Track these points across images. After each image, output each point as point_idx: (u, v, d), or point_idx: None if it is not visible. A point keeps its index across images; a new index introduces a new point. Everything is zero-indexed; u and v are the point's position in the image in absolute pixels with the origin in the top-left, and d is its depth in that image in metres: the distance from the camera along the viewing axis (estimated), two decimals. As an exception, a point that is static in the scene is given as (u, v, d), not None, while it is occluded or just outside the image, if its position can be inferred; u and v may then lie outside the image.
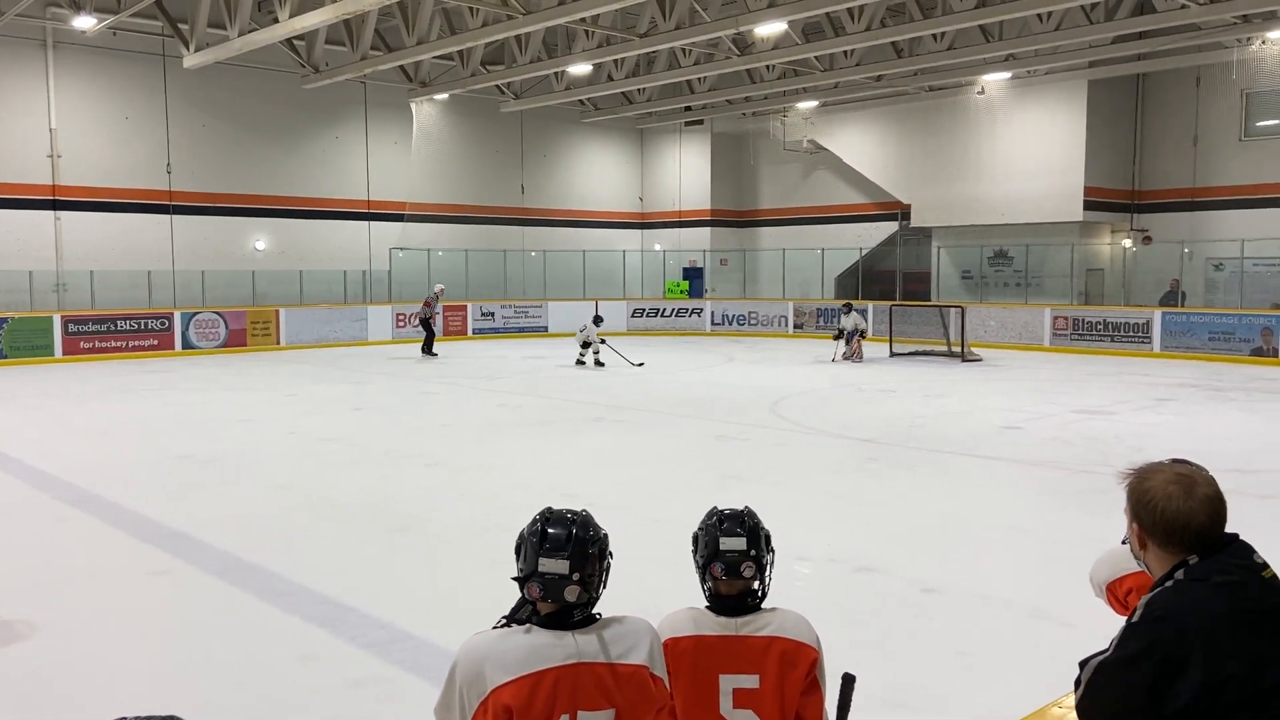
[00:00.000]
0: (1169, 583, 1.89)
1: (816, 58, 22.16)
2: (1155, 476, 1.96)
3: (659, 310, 28.21)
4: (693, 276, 30.00)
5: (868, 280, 27.03)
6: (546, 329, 27.08)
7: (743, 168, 30.67)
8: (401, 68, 23.14)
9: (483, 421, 12.68)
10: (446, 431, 12.08)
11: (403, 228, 26.21)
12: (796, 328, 26.77)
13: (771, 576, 2.54)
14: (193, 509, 8.02)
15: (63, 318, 20.40)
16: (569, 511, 2.28)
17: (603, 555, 2.24)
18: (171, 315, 21.68)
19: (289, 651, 5.17)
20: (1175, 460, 2.02)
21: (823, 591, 6.02)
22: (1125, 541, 2.11)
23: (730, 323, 27.94)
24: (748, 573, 2.47)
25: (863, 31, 18.95)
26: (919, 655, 5.06)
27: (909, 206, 26.13)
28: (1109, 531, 2.56)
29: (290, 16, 17.51)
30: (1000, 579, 6.25)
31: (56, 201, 21.21)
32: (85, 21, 19.27)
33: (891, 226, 27.27)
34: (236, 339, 22.41)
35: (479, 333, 26.32)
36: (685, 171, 30.78)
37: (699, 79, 24.89)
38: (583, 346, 19.11)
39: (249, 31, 18.67)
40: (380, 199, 25.99)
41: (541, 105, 25.94)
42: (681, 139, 30.71)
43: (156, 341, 21.41)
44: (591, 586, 2.20)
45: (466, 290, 26.45)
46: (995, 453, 10.34)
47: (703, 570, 2.53)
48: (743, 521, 2.52)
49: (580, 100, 26.77)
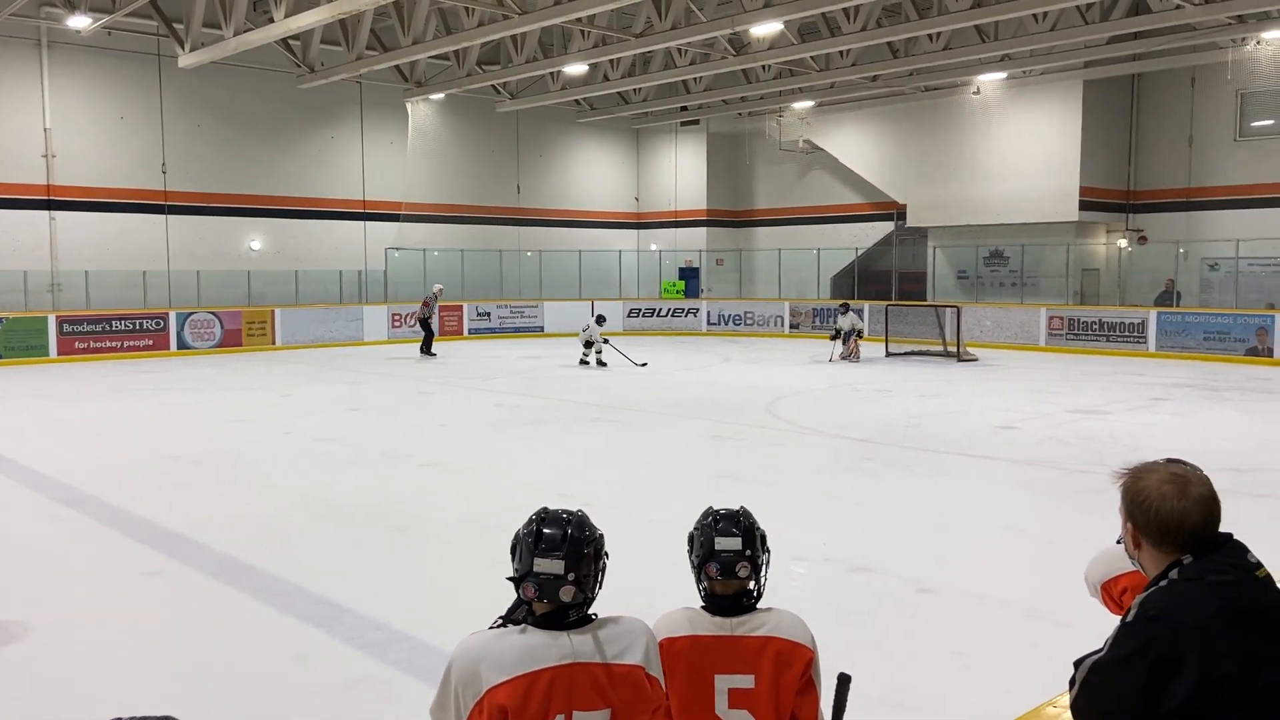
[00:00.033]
0: (1163, 582, 1.89)
1: (812, 58, 22.18)
2: (1150, 476, 1.96)
3: (655, 310, 28.20)
4: (688, 276, 29.99)
5: (863, 280, 27.05)
6: (543, 329, 27.08)
7: (739, 168, 30.68)
8: (397, 67, 23.11)
9: (479, 421, 12.67)
10: (443, 431, 12.07)
11: (398, 228, 26.19)
12: (792, 328, 26.79)
13: (767, 576, 2.54)
14: (188, 509, 8.01)
15: (57, 318, 20.35)
16: (564, 512, 2.28)
17: (598, 555, 2.24)
18: (167, 315, 21.64)
19: (285, 652, 5.17)
20: (1170, 460, 2.02)
21: (818, 591, 6.02)
22: (1120, 541, 2.11)
23: (726, 323, 27.94)
24: (743, 573, 2.47)
25: (858, 32, 18.96)
26: (914, 655, 5.07)
27: (905, 206, 26.16)
28: (1104, 531, 2.56)
29: (285, 16, 17.49)
30: (996, 579, 6.26)
31: (51, 201, 21.17)
32: (80, 21, 19.23)
33: (887, 226, 27.30)
34: (232, 339, 22.38)
35: (475, 333, 26.30)
36: (681, 171, 30.78)
37: (695, 79, 24.90)
38: (586, 346, 19.11)
39: (244, 31, 18.64)
40: (376, 199, 25.97)
41: (537, 105, 25.93)
42: (677, 139, 30.70)
43: (152, 342, 21.38)
44: (587, 587, 2.20)
45: (462, 290, 26.43)
46: (991, 452, 10.35)
47: (698, 570, 2.53)
48: (738, 521, 2.52)
49: (576, 100, 26.75)
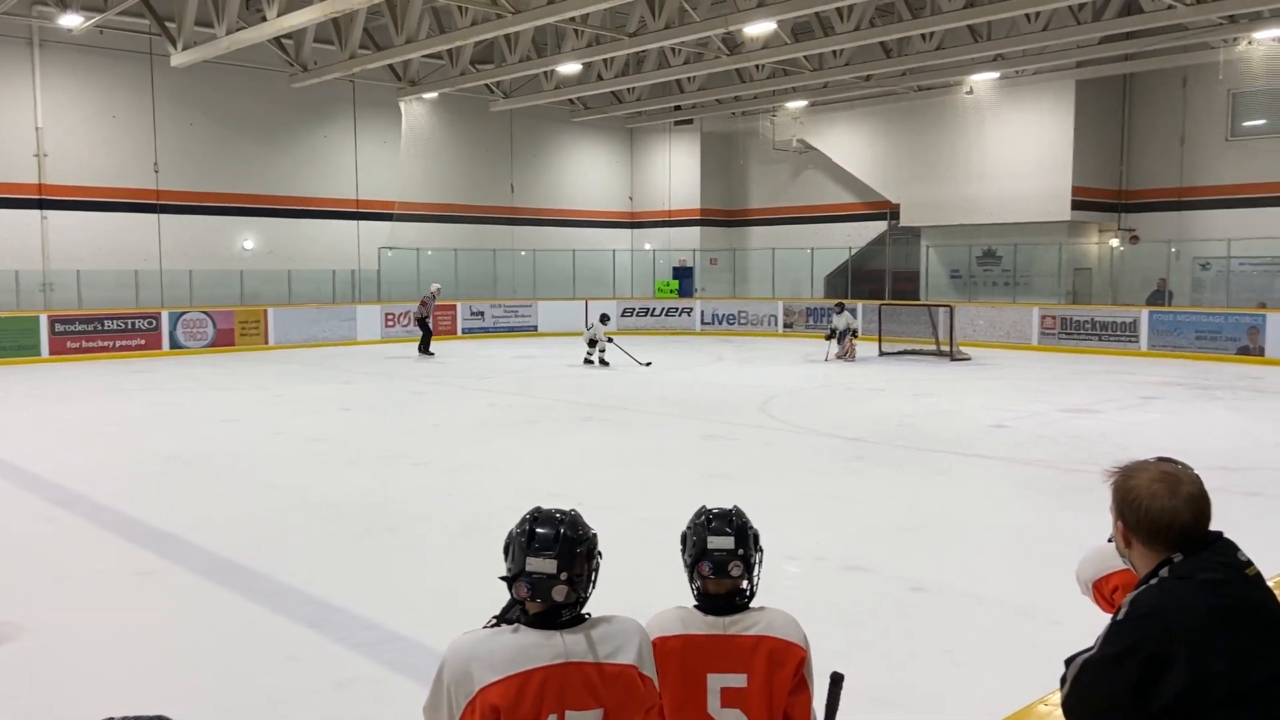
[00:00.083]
0: (1153, 580, 1.90)
1: (806, 57, 22.20)
2: (1140, 475, 1.97)
3: (649, 309, 28.19)
4: (682, 276, 30.00)
5: (857, 280, 27.07)
6: (536, 328, 27.06)
7: (732, 167, 30.69)
8: (390, 66, 23.08)
9: (472, 421, 12.66)
10: (436, 431, 12.05)
11: (391, 227, 26.15)
12: (786, 327, 26.81)
13: (760, 576, 2.55)
14: (180, 509, 7.99)
15: (49, 317, 20.28)
16: (557, 511, 2.28)
17: (591, 555, 2.23)
18: (159, 315, 21.58)
19: (277, 652, 5.16)
20: (1160, 458, 2.03)
21: (811, 590, 6.03)
22: (1111, 539, 2.12)
23: (720, 322, 27.95)
24: (735, 572, 2.47)
25: (852, 31, 18.98)
26: (907, 653, 5.08)
27: (898, 206, 26.19)
28: (1096, 529, 2.57)
29: (278, 15, 17.45)
30: (988, 577, 6.27)
31: (43, 201, 21.09)
32: (72, 20, 19.16)
33: (880, 226, 27.33)
34: (224, 339, 22.32)
35: (468, 332, 26.27)
36: (675, 171, 30.78)
37: (688, 78, 24.90)
38: (589, 345, 19.11)
39: (237, 30, 18.60)
40: (369, 198, 25.92)
41: (531, 104, 25.92)
42: (671, 138, 30.70)
43: (144, 341, 21.32)
44: (580, 586, 2.19)
45: (456, 290, 26.39)
46: (983, 451, 10.38)
47: (691, 569, 2.53)
48: (730, 521, 2.53)
49: (570, 99, 26.73)
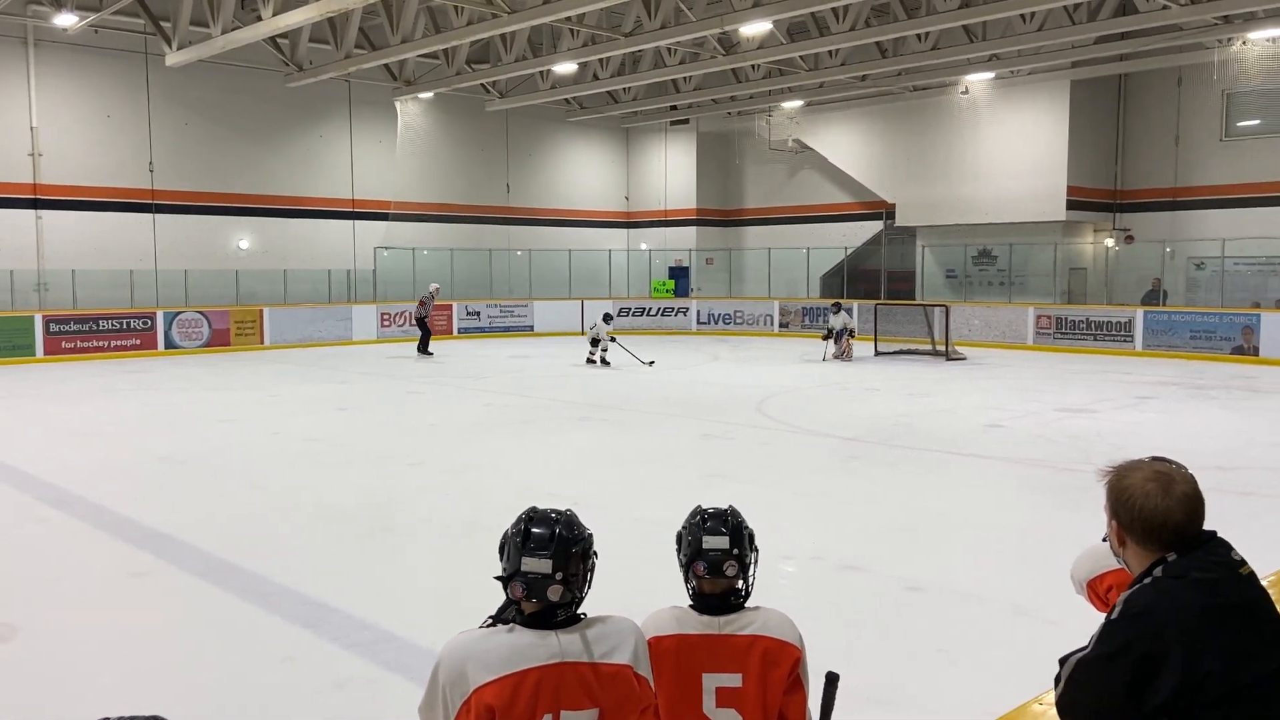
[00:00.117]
0: (1147, 580, 1.90)
1: (801, 57, 22.21)
2: (1134, 474, 1.97)
3: (645, 309, 28.19)
4: (678, 276, 30.01)
5: (853, 279, 27.10)
6: (532, 328, 27.05)
7: (728, 167, 30.69)
8: (386, 66, 23.06)
9: (468, 421, 12.66)
10: (432, 431, 12.05)
11: (387, 227, 26.12)
12: (782, 327, 26.83)
13: (755, 575, 2.55)
14: (175, 510, 7.98)
15: (44, 317, 20.23)
16: (553, 511, 2.28)
17: (586, 555, 2.23)
18: (154, 315, 21.54)
19: (273, 652, 5.15)
20: (1155, 458, 2.03)
21: (807, 590, 6.04)
22: (1106, 539, 2.12)
23: (716, 322, 27.96)
24: (730, 571, 2.47)
25: (847, 31, 19.00)
26: (902, 653, 5.09)
27: (894, 206, 26.22)
28: (1090, 529, 2.57)
29: (274, 15, 17.42)
30: (983, 576, 6.28)
31: (38, 200, 21.04)
32: (67, 19, 19.13)
33: (876, 226, 27.35)
34: (220, 339, 22.29)
35: (464, 332, 26.25)
36: (671, 171, 30.78)
37: (684, 78, 24.91)
38: (592, 344, 19.12)
39: (232, 29, 18.56)
40: (365, 198, 25.89)
41: (527, 104, 25.91)
42: (667, 138, 30.70)
43: (139, 341, 21.28)
44: (575, 586, 2.19)
45: (452, 289, 26.35)
46: (978, 451, 10.39)
47: (686, 569, 2.53)
48: (726, 520, 2.53)
49: (566, 99, 26.73)
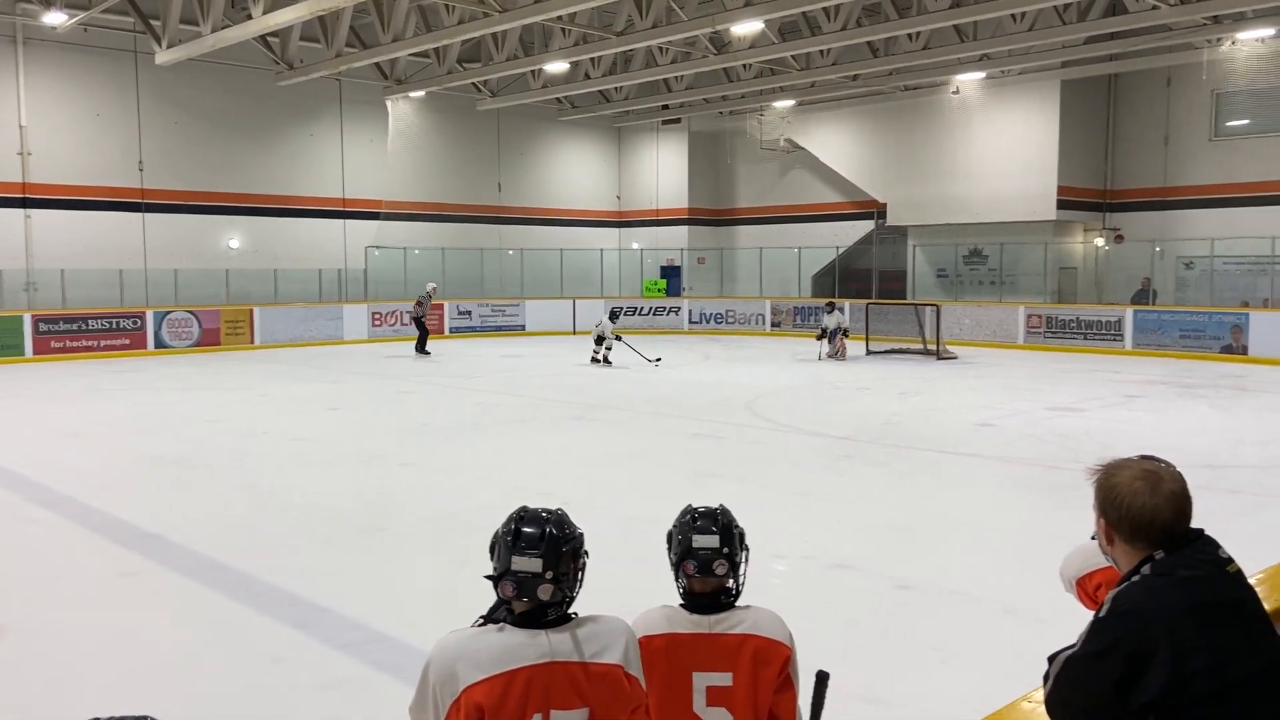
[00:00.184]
0: (1135, 578, 1.91)
1: (793, 57, 22.23)
2: (1122, 472, 1.98)
3: (636, 309, 28.16)
4: (670, 275, 30.01)
5: (844, 279, 27.14)
6: (524, 328, 27.02)
7: (720, 166, 30.71)
8: (377, 65, 22.99)
9: (459, 421, 12.64)
10: (423, 431, 12.03)
11: (378, 226, 26.06)
12: (774, 326, 26.85)
13: (745, 575, 2.55)
14: (164, 510, 7.95)
15: (33, 317, 20.14)
16: (544, 510, 2.28)
17: (577, 554, 2.23)
18: (144, 314, 21.45)
19: (263, 653, 5.14)
20: (1143, 456, 2.04)
21: (797, 589, 6.05)
22: (1095, 537, 2.13)
23: (707, 321, 27.97)
24: (720, 570, 2.47)
25: (839, 31, 19.02)
26: (892, 651, 5.10)
27: (885, 205, 26.26)
28: (1080, 527, 2.58)
29: (264, 13, 17.35)
30: (973, 575, 6.30)
31: (27, 199, 20.93)
32: (56, 17, 19.03)
33: (868, 225, 27.40)
34: (210, 338, 22.21)
35: (456, 331, 26.21)
36: (662, 170, 30.78)
37: (676, 77, 24.91)
38: (596, 342, 19.12)
39: (222, 28, 18.48)
40: (356, 197, 25.83)
41: (518, 103, 25.86)
42: (659, 137, 30.70)
43: (129, 341, 21.19)
44: (566, 585, 2.19)
45: (443, 289, 26.28)
46: (969, 449, 10.42)
47: (676, 568, 2.53)
48: (716, 519, 2.53)
49: (557, 98, 26.71)
